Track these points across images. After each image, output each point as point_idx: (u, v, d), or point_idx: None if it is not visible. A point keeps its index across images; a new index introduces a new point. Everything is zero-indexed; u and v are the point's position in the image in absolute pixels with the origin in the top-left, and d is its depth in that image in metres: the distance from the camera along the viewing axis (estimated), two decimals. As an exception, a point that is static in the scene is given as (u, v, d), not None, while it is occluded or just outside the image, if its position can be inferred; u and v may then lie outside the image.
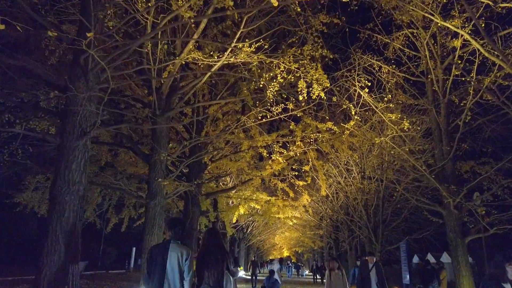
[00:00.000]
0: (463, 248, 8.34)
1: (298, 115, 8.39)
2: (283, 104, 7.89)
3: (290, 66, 6.22)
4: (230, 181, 18.68)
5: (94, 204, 12.40)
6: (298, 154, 11.58)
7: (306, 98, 6.93)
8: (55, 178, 4.92)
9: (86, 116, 5.18)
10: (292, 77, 6.53)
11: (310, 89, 6.42)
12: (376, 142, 9.00)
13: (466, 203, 8.22)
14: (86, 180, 5.16)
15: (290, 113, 8.35)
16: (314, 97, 6.52)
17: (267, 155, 10.18)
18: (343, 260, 26.67)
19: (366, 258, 8.19)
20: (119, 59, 5.63)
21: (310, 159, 12.04)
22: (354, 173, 16.27)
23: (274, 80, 6.69)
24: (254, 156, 14.02)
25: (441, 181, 8.63)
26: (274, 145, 9.97)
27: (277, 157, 9.81)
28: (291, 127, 9.10)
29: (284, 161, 10.50)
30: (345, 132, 11.13)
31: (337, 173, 17.54)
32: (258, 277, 20.40)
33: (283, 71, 6.36)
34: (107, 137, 10.87)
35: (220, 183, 18.15)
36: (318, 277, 27.02)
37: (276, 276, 9.92)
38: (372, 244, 16.02)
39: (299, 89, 6.56)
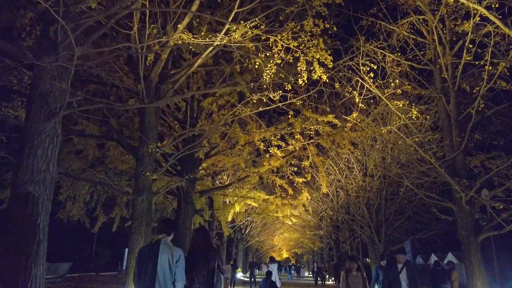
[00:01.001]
0: (476, 247, 7.71)
1: (298, 103, 7.76)
2: (281, 91, 7.25)
3: (289, 44, 5.59)
4: (227, 179, 18.05)
5: (81, 202, 11.73)
6: (297, 149, 10.95)
7: (306, 82, 6.30)
8: (18, 166, 4.28)
9: (55, 95, 4.53)
10: (291, 57, 5.90)
11: (312, 68, 5.79)
12: (382, 131, 8.36)
13: (479, 198, 7.59)
14: (55, 169, 4.52)
15: (289, 101, 7.72)
16: (315, 77, 5.88)
17: (264, 148, 9.54)
18: (343, 261, 25.99)
19: (395, 256, 6.25)
20: (95, 32, 4.99)
21: (310, 154, 11.42)
22: (355, 171, 15.65)
23: (271, 62, 6.06)
24: (252, 152, 13.40)
25: (452, 174, 8.00)
26: (272, 138, 9.33)
27: (275, 151, 9.17)
28: (289, 119, 8.46)
29: (283, 155, 9.86)
30: (347, 125, 10.52)
31: (337, 171, 16.93)
32: (256, 279, 19.74)
33: (280, 50, 5.73)
34: (94, 130, 10.22)
35: (217, 182, 17.51)
36: (319, 279, 26.04)
37: (274, 278, 9.26)
38: (375, 244, 15.39)
39: (298, 69, 5.92)
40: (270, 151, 9.20)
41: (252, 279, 19.66)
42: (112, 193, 12.80)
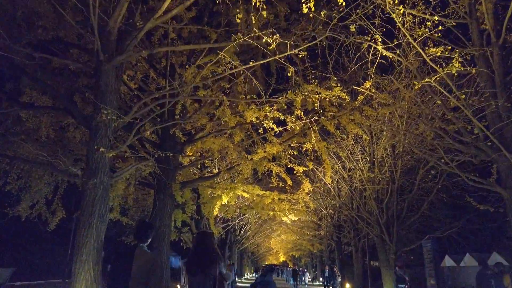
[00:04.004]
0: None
1: (300, 55, 5.91)
2: (278, 36, 5.39)
3: None
4: (217, 172, 16.10)
5: (35, 194, 9.70)
6: (298, 128, 9.11)
7: (312, 8, 4.43)
8: None
9: None
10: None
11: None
12: (416, 87, 6.46)
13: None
14: None
15: (288, 53, 5.86)
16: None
17: (258, 121, 7.67)
18: (347, 264, 23.91)
19: None
20: None
21: (312, 137, 9.58)
22: (361, 164, 13.78)
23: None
24: (243, 139, 11.56)
25: (499, 149, 6.16)
26: (267, 109, 7.44)
27: (270, 124, 7.30)
28: (289, 76, 6.61)
29: (280, 130, 7.98)
30: (359, 98, 8.68)
31: (339, 164, 15.09)
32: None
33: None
34: (48, 103, 8.25)
35: (205, 175, 15.61)
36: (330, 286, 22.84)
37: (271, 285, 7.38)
38: (385, 244, 13.50)
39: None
40: (265, 125, 7.32)
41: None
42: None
